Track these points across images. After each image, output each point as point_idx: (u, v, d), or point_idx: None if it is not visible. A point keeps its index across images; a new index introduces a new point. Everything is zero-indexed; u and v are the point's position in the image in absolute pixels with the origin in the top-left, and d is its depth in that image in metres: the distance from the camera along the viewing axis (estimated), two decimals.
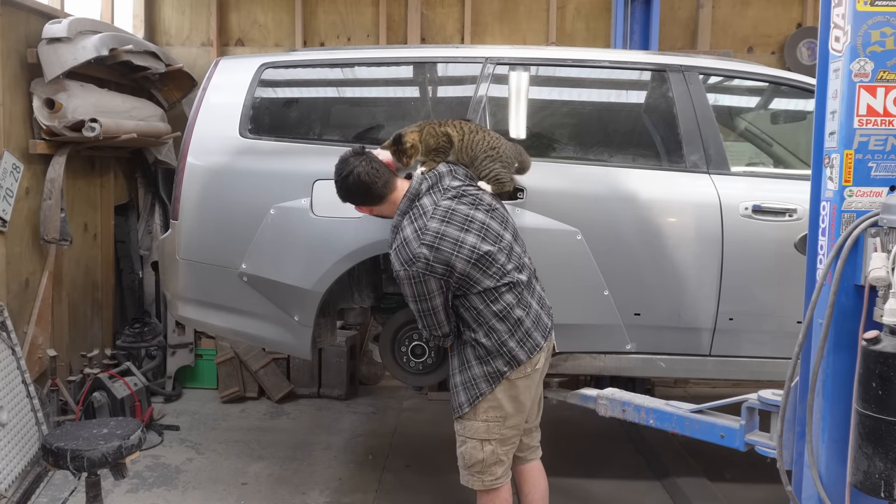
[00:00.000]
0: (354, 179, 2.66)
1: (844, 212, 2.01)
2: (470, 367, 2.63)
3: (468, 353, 2.64)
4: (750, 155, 3.86)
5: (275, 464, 4.13)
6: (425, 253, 2.50)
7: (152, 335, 5.20)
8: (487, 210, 2.66)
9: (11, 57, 4.01)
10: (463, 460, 2.72)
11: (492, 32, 5.50)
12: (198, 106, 3.43)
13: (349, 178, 2.67)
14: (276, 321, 3.31)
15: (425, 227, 2.54)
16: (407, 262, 2.52)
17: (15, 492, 3.45)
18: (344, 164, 2.69)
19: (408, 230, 2.57)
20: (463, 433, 2.70)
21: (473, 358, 2.62)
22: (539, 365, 2.69)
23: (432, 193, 2.65)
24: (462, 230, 2.54)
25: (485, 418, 2.64)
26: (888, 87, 1.97)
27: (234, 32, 5.54)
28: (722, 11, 5.45)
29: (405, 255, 2.53)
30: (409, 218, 2.61)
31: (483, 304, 2.56)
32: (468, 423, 2.67)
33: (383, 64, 3.63)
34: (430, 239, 2.51)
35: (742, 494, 3.73)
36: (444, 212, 2.57)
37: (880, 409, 1.83)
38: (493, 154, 2.79)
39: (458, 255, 2.50)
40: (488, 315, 2.56)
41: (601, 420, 3.36)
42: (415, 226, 2.56)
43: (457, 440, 2.74)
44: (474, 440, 2.66)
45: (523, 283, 2.63)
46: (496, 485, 2.69)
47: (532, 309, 2.65)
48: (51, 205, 4.20)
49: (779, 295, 3.15)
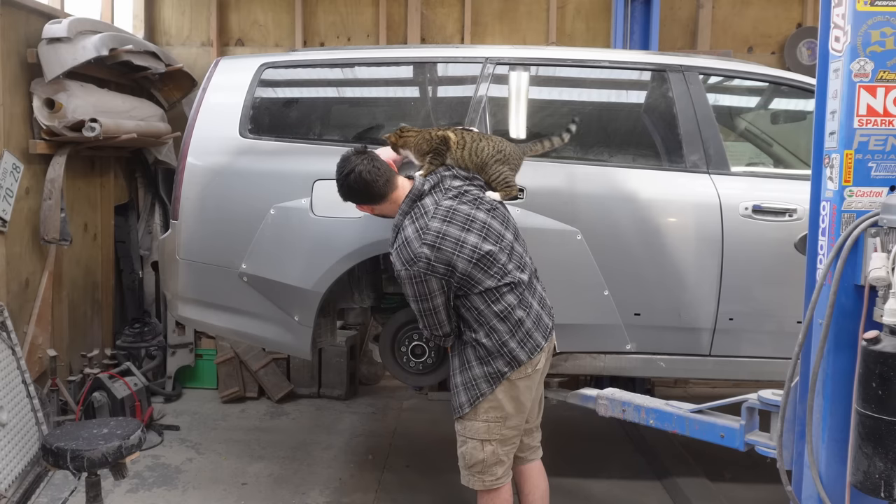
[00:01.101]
0: (356, 178, 2.65)
1: (844, 212, 2.01)
2: (471, 368, 2.63)
3: (469, 354, 2.64)
4: (750, 155, 3.86)
5: (275, 464, 4.13)
6: (427, 253, 2.50)
7: (152, 335, 5.20)
8: (489, 210, 2.66)
9: (11, 57, 4.01)
10: (464, 460, 2.72)
11: (492, 32, 5.51)
12: (198, 106, 3.43)
13: (350, 177, 2.66)
14: (276, 321, 3.31)
15: (427, 227, 2.54)
16: (408, 261, 2.52)
17: (15, 492, 3.45)
18: (345, 163, 2.69)
19: (409, 230, 2.57)
20: (464, 433, 2.70)
21: (474, 358, 2.62)
22: (540, 365, 2.68)
23: (434, 193, 2.66)
24: (463, 230, 2.54)
25: (485, 419, 2.64)
26: (888, 87, 1.97)
27: (234, 32, 5.54)
28: (722, 11, 5.45)
29: (406, 254, 2.53)
30: (411, 217, 2.61)
31: (484, 305, 2.56)
32: (469, 424, 2.67)
33: (383, 64, 3.63)
34: (432, 239, 2.51)
35: (742, 494, 3.73)
36: (445, 211, 2.57)
37: (880, 409, 1.83)
38: (501, 157, 2.80)
39: (460, 255, 2.51)
40: (489, 315, 2.56)
41: (601, 420, 3.36)
42: (416, 225, 2.57)
43: (457, 440, 2.74)
44: (475, 440, 2.66)
45: (524, 283, 2.63)
46: (496, 485, 2.69)
47: (533, 309, 2.65)
48: (51, 205, 4.20)
49: (779, 295, 3.15)
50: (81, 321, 4.88)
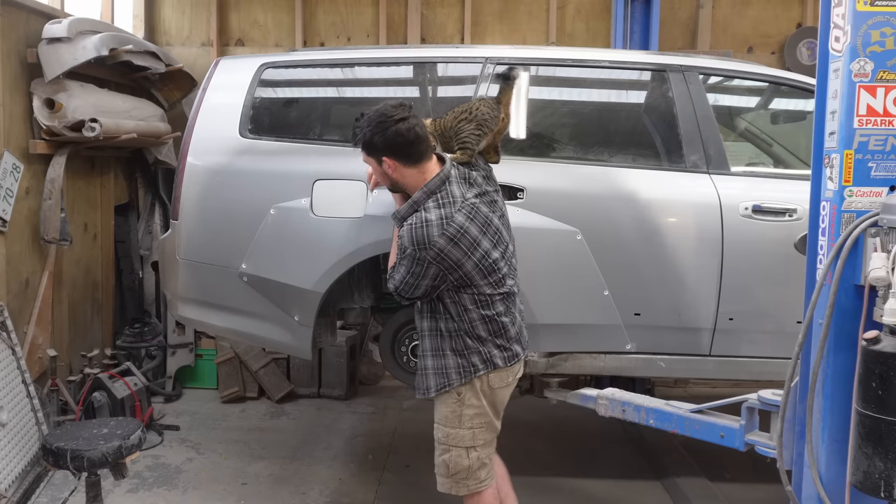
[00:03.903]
0: (408, 128, 2.44)
1: (844, 212, 2.01)
2: (444, 356, 2.57)
3: (444, 343, 2.58)
4: (750, 155, 3.86)
5: (275, 464, 4.13)
6: (442, 244, 2.41)
7: (152, 335, 5.20)
8: (500, 216, 2.64)
9: (11, 57, 4.01)
10: (446, 469, 2.64)
11: (492, 32, 5.50)
12: (198, 106, 3.43)
13: (402, 125, 2.43)
14: (276, 321, 3.31)
15: (451, 218, 2.44)
16: (420, 244, 2.42)
17: (15, 492, 3.45)
18: (398, 109, 2.47)
19: (433, 213, 2.44)
20: (447, 442, 2.63)
21: (449, 349, 2.57)
22: (518, 374, 2.68)
23: (462, 184, 2.57)
24: (481, 232, 2.48)
25: (470, 426, 2.60)
26: (888, 87, 1.97)
27: (234, 32, 5.54)
28: (722, 11, 5.45)
29: (421, 236, 2.42)
30: (437, 200, 2.47)
31: (473, 305, 2.52)
32: (453, 432, 2.61)
33: (383, 64, 3.63)
34: (453, 232, 2.42)
35: (742, 494, 3.73)
36: (470, 207, 2.49)
37: (880, 409, 1.83)
38: (467, 116, 2.68)
39: (471, 257, 2.45)
40: (475, 316, 2.53)
41: (601, 420, 3.36)
42: (442, 211, 2.45)
43: (437, 449, 2.67)
44: (460, 448, 2.61)
45: (514, 294, 2.63)
46: (481, 487, 2.65)
47: (517, 320, 2.65)
48: (51, 205, 4.20)
49: (779, 295, 3.15)
50: (81, 321, 4.88)
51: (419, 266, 2.45)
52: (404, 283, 2.50)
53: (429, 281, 2.47)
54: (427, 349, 2.62)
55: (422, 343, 2.64)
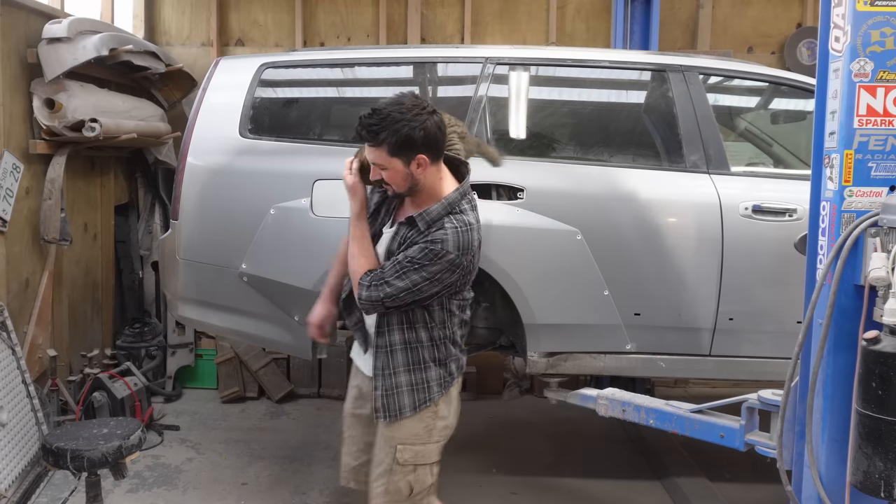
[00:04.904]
0: (440, 120, 2.27)
1: (844, 212, 2.02)
2: (426, 369, 2.38)
3: (424, 354, 2.38)
4: (750, 155, 3.86)
5: (275, 464, 4.13)
6: (475, 248, 2.31)
7: (152, 335, 5.19)
8: None
9: (11, 57, 4.01)
10: (409, 491, 2.40)
11: (492, 32, 5.50)
12: (198, 106, 3.43)
13: (436, 117, 2.26)
14: (276, 321, 3.31)
15: (479, 222, 2.36)
16: (464, 248, 2.24)
17: (15, 492, 3.45)
18: (419, 100, 2.28)
19: (471, 216, 2.31)
20: (414, 461, 2.40)
21: (431, 359, 2.39)
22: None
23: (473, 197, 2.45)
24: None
25: (438, 439, 2.45)
26: (888, 87, 1.97)
27: (234, 32, 5.54)
28: (722, 11, 5.45)
29: (466, 240, 2.25)
30: (470, 202, 2.35)
31: (458, 310, 2.45)
32: (422, 450, 2.40)
33: (383, 64, 3.63)
34: (482, 235, 2.37)
35: (742, 494, 3.73)
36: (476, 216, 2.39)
37: (880, 409, 1.83)
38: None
39: (476, 261, 2.40)
40: (456, 321, 2.45)
41: (601, 420, 3.36)
42: (477, 214, 2.35)
43: (394, 474, 2.39)
44: (426, 466, 2.42)
45: None
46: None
47: None
48: (51, 205, 4.20)
49: (779, 295, 3.16)
50: (81, 321, 4.88)
51: (449, 272, 2.24)
52: (410, 290, 2.25)
53: (440, 287, 2.28)
54: (399, 364, 2.38)
55: (388, 359, 2.38)
